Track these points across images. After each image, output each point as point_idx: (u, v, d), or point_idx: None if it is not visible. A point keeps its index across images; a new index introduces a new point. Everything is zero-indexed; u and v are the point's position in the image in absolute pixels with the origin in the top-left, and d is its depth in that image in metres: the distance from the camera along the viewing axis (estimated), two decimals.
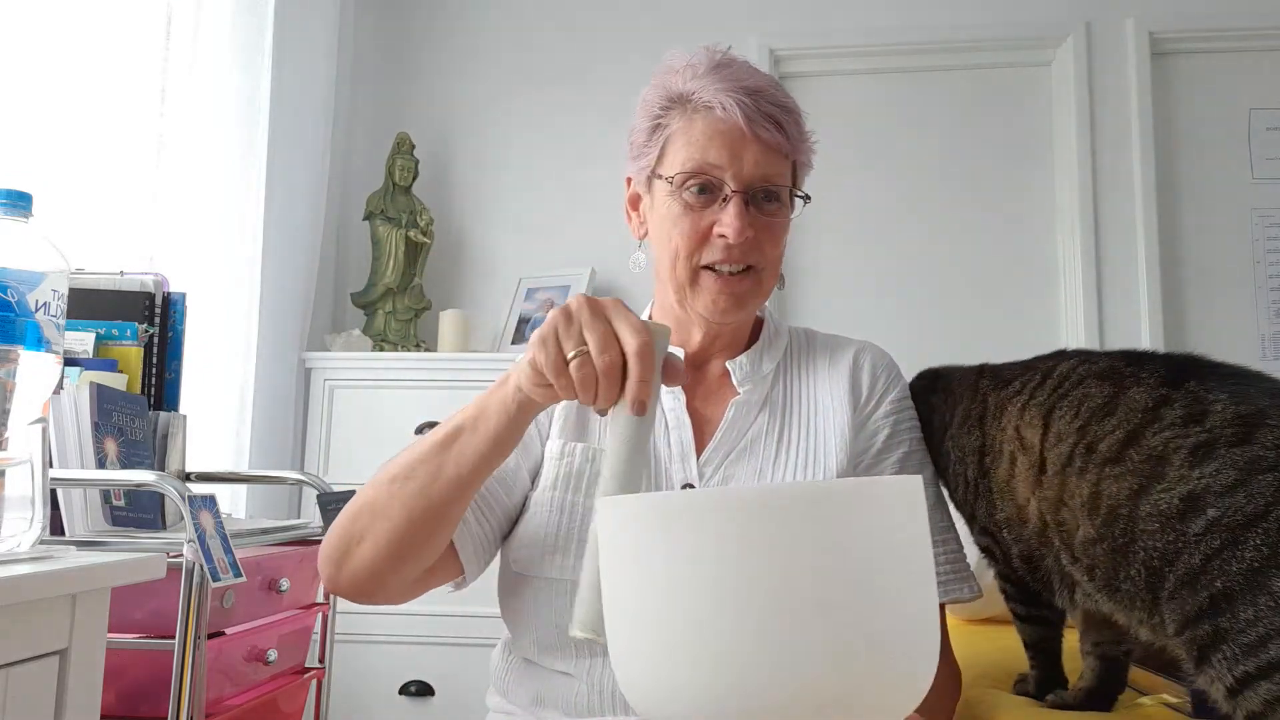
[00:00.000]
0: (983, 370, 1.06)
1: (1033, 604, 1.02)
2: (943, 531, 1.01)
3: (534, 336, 0.74)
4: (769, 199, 0.97)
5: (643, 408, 0.71)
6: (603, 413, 0.74)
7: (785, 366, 1.05)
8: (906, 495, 0.59)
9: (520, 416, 0.80)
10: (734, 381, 1.01)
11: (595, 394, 0.72)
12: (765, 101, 0.96)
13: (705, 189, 0.95)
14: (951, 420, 1.04)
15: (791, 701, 0.54)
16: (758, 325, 1.08)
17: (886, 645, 0.56)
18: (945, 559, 0.99)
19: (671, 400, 1.00)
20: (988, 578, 1.67)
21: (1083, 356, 0.96)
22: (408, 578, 0.89)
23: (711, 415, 1.01)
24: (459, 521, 0.89)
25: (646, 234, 1.04)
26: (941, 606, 1.00)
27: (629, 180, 1.05)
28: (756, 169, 0.95)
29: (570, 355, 0.72)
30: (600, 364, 0.71)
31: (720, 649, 0.54)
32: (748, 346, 1.05)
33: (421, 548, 0.87)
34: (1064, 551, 0.91)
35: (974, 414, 1.01)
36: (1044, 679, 1.05)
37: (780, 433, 1.00)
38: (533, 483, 0.99)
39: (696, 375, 1.04)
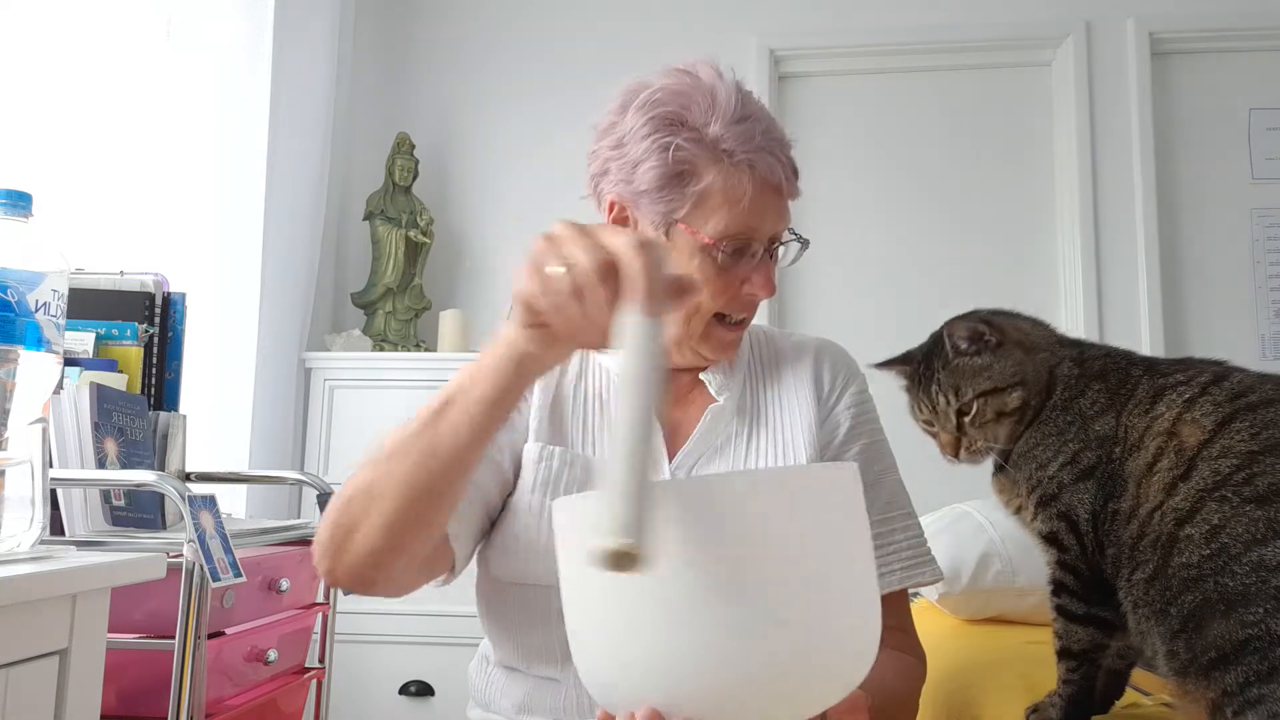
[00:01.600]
0: (1132, 358, 0.94)
1: (1096, 602, 0.89)
2: (905, 517, 1.01)
3: (519, 272, 0.68)
4: (775, 243, 0.99)
5: (652, 304, 0.63)
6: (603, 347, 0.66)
7: (752, 370, 1.06)
8: (837, 481, 0.61)
9: (517, 378, 0.74)
10: (711, 391, 1.01)
11: (597, 324, 0.66)
12: (787, 152, 0.97)
13: (739, 250, 0.95)
14: (1083, 393, 0.93)
15: (734, 683, 0.56)
16: None
17: (823, 622, 0.57)
18: (907, 543, 1.00)
19: None
20: (988, 577, 1.65)
21: (1261, 375, 0.85)
22: (410, 563, 0.86)
23: (682, 420, 1.01)
24: (460, 498, 0.85)
25: None
26: (904, 592, 1.01)
27: (612, 204, 0.98)
28: (781, 222, 0.98)
29: (559, 271, 0.66)
30: (591, 263, 0.65)
31: (664, 636, 0.57)
32: None
33: (422, 528, 0.83)
34: (1149, 565, 0.82)
35: (1117, 401, 0.90)
36: (1079, 697, 0.91)
37: (750, 435, 1.01)
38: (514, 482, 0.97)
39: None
